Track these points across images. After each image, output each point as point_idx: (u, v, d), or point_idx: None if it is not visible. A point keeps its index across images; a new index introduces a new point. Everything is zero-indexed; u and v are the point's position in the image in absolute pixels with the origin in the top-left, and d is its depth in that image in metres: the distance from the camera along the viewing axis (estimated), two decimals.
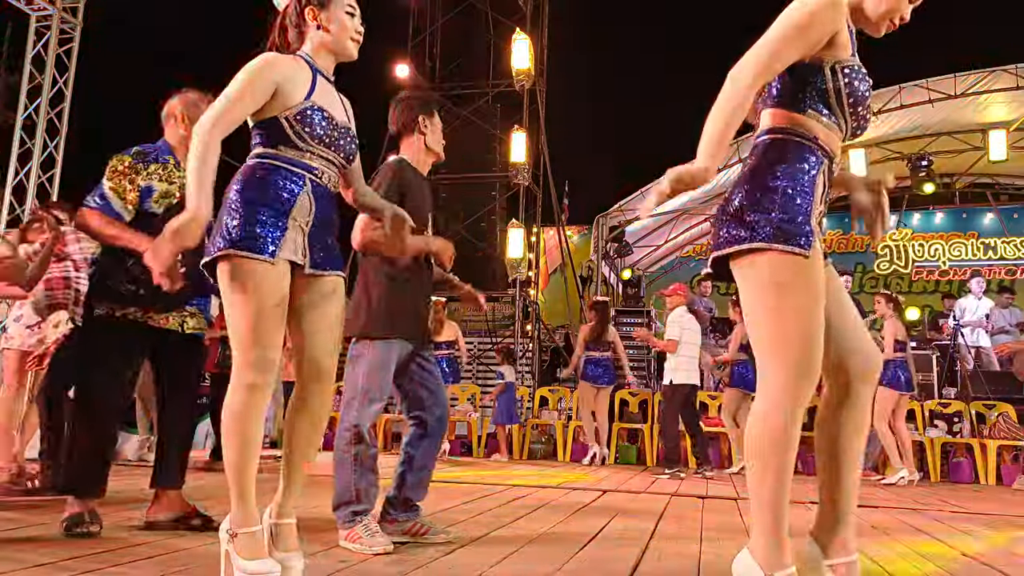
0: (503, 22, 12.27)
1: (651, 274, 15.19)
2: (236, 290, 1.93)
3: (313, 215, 2.06)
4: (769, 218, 1.75)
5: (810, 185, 1.79)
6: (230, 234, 1.94)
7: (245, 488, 1.92)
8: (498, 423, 8.43)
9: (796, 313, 1.72)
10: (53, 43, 7.40)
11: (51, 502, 3.37)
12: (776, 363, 1.74)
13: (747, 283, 1.80)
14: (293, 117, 2.03)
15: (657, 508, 4.02)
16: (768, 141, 1.87)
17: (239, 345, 1.94)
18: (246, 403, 1.93)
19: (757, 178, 1.81)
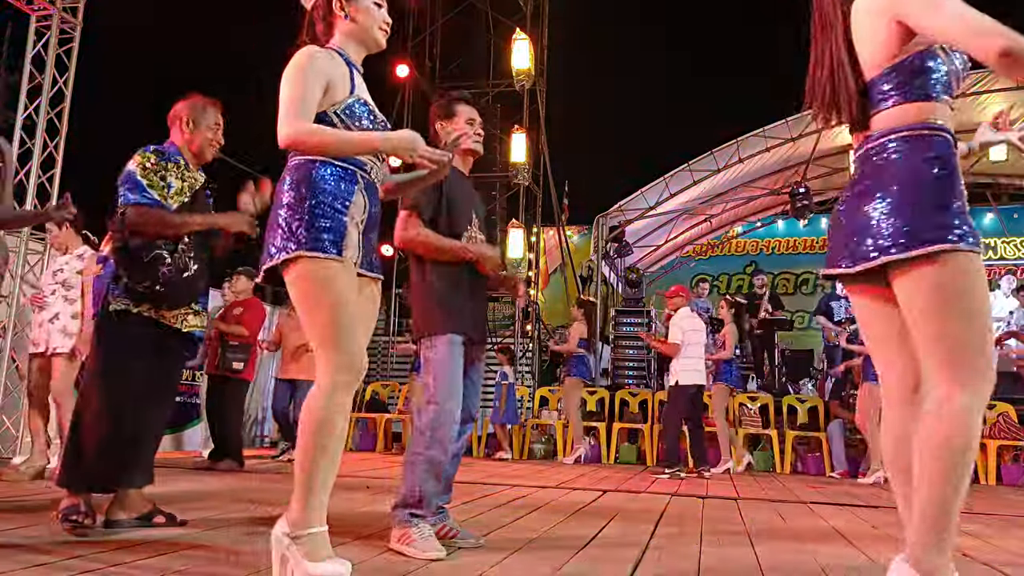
0: (503, 22, 12.28)
1: (651, 274, 15.18)
2: (315, 291, 1.91)
3: (367, 213, 2.06)
4: (952, 215, 1.70)
5: (958, 178, 1.75)
6: (296, 236, 1.92)
7: (318, 490, 1.88)
8: (499, 423, 8.43)
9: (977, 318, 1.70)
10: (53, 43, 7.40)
11: (51, 503, 3.38)
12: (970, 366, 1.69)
13: (928, 285, 1.71)
14: (342, 112, 2.02)
15: (657, 508, 4.02)
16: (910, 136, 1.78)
17: (324, 345, 1.91)
18: (336, 403, 1.90)
19: (918, 176, 1.74)
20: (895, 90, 1.82)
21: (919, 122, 1.79)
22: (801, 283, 15.27)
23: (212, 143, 2.96)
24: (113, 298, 2.80)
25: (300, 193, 1.96)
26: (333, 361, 1.90)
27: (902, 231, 1.73)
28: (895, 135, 1.80)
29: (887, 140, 1.82)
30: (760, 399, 8.53)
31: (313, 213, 1.93)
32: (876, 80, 1.85)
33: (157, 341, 2.84)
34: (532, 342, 11.58)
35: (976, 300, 1.70)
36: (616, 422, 8.65)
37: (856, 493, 5.54)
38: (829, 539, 3.17)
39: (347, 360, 1.91)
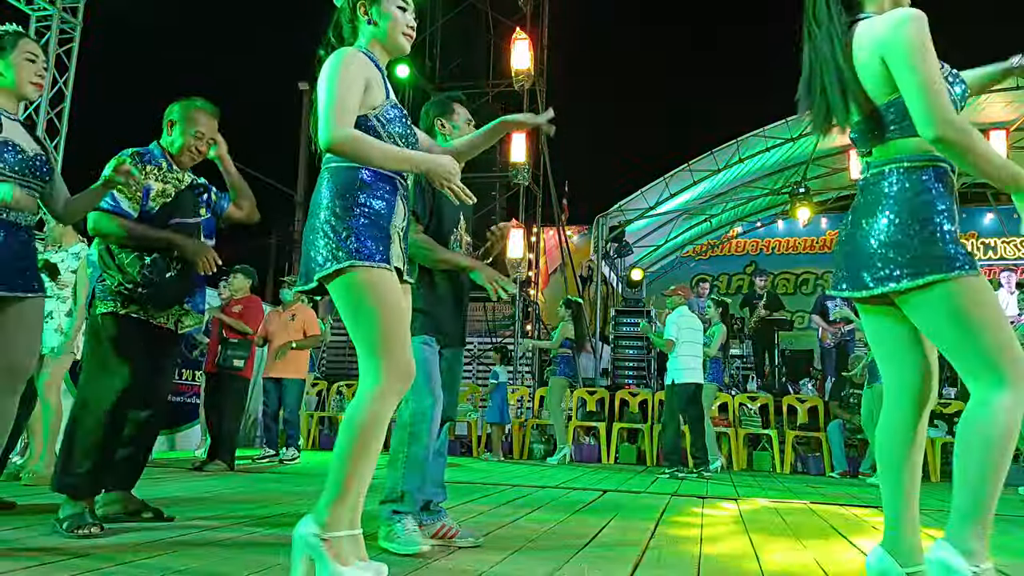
0: (503, 22, 12.29)
1: (651, 274, 15.19)
2: (365, 300, 1.90)
3: (405, 221, 2.06)
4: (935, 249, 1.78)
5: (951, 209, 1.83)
6: (344, 245, 1.90)
7: (351, 495, 1.84)
8: (489, 422, 8.44)
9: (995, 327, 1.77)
10: (53, 43, 7.40)
11: (52, 504, 3.38)
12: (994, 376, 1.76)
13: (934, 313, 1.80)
14: (382, 116, 2.00)
15: (657, 508, 4.02)
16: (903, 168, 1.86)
17: (373, 354, 1.88)
18: (382, 412, 1.87)
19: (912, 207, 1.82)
20: (895, 123, 1.87)
21: (916, 153, 1.86)
22: (801, 283, 15.28)
23: (191, 150, 2.92)
24: (100, 300, 2.79)
25: (347, 201, 1.93)
26: (386, 368, 1.88)
27: (901, 260, 1.81)
28: (894, 164, 1.88)
29: (886, 169, 1.89)
30: (760, 399, 8.53)
31: (362, 221, 1.92)
32: (878, 110, 1.90)
33: (151, 342, 2.83)
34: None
35: (993, 309, 1.79)
36: (616, 422, 8.65)
37: (856, 493, 5.54)
38: (829, 539, 3.17)
39: (400, 368, 1.90)
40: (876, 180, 1.90)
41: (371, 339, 1.89)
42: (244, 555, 2.32)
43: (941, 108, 1.72)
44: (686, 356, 6.63)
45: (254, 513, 3.26)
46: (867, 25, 1.90)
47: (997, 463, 1.76)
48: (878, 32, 1.84)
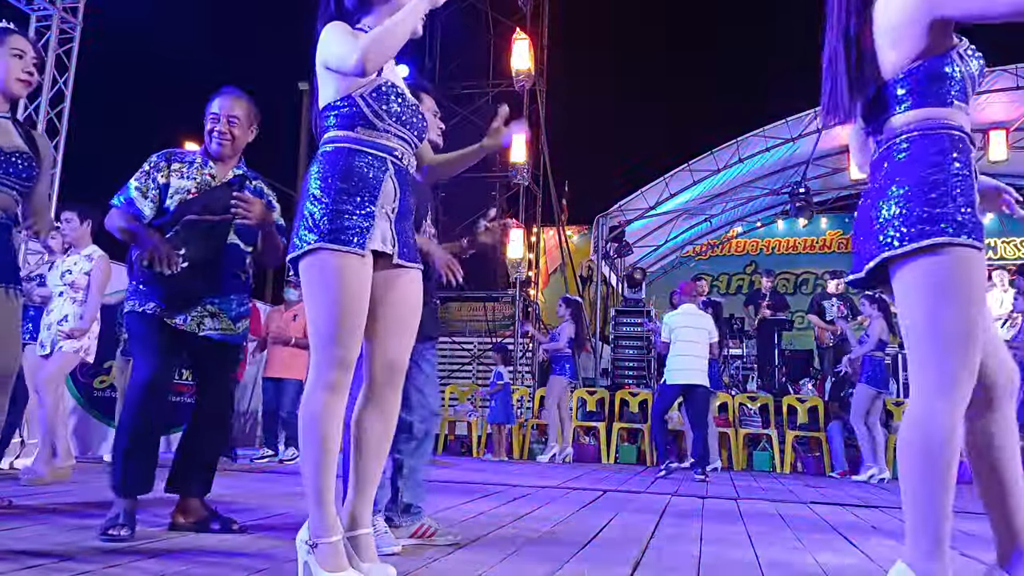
0: (503, 22, 12.29)
1: (651, 274, 15.19)
2: (324, 285, 1.85)
3: (398, 201, 1.99)
4: (951, 211, 1.68)
5: (971, 176, 1.74)
6: (318, 226, 1.86)
7: (325, 494, 1.82)
8: (494, 422, 8.44)
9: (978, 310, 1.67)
10: (53, 43, 7.40)
11: (52, 504, 3.37)
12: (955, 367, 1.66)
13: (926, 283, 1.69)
14: (370, 95, 1.94)
15: (657, 508, 4.02)
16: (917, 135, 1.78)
17: (321, 342, 1.85)
18: (327, 403, 1.84)
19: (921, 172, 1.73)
20: (910, 95, 1.81)
21: (931, 120, 1.78)
22: (801, 283, 15.27)
23: (213, 134, 2.84)
24: (127, 300, 2.80)
25: (327, 183, 1.90)
26: (326, 357, 1.85)
27: (905, 223, 1.72)
28: (906, 134, 1.80)
29: (897, 140, 1.81)
30: (760, 399, 8.53)
31: (338, 204, 1.87)
32: (891, 84, 1.84)
33: (176, 344, 2.77)
34: (532, 342, 11.59)
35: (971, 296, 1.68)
36: (616, 422, 8.65)
37: (856, 493, 5.54)
38: (829, 539, 3.17)
39: (339, 359, 1.85)
40: (887, 153, 1.83)
41: (317, 327, 1.86)
42: (243, 556, 2.32)
43: None
44: (676, 357, 6.54)
45: (253, 513, 3.25)
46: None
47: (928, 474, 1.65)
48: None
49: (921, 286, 1.71)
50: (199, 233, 2.73)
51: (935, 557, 1.65)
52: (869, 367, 6.72)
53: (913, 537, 1.69)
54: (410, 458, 2.72)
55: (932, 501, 1.65)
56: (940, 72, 1.78)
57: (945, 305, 1.67)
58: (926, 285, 1.70)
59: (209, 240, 2.76)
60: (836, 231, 15.36)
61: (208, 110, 2.85)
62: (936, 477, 1.65)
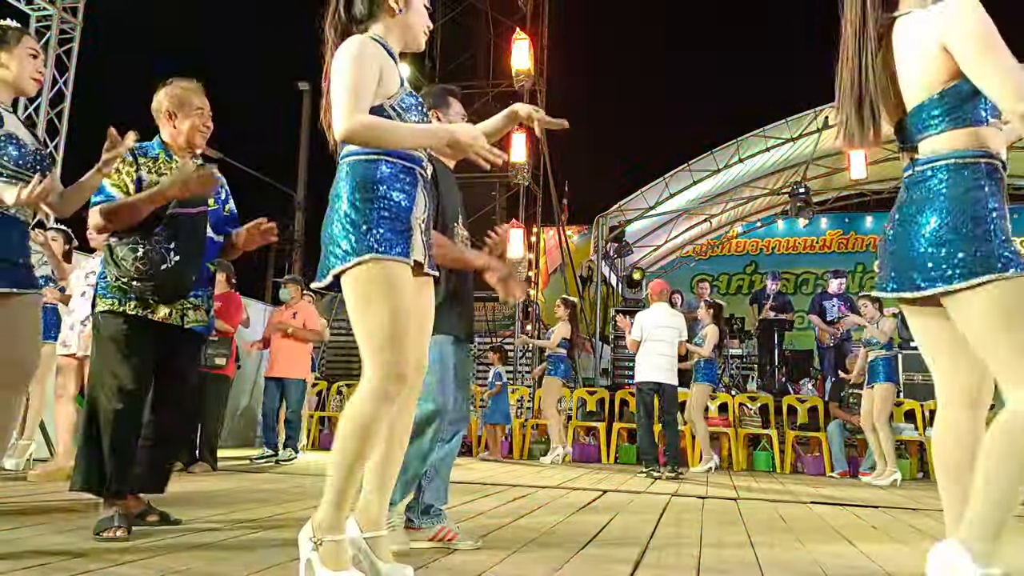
0: (503, 22, 12.29)
1: (651, 274, 15.19)
2: (376, 295, 1.85)
3: (427, 212, 2.02)
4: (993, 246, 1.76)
5: (1003, 208, 1.81)
6: (364, 237, 1.86)
7: (347, 498, 1.83)
8: (491, 423, 8.43)
9: None
10: (53, 43, 7.40)
11: (50, 504, 3.37)
12: None
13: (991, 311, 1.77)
14: (398, 105, 1.95)
15: (657, 508, 4.02)
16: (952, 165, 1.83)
17: (375, 352, 1.84)
18: (380, 412, 1.83)
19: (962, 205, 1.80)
20: (944, 116, 1.84)
21: (968, 148, 1.82)
22: (801, 283, 15.28)
23: (200, 129, 2.88)
24: (100, 298, 2.76)
25: (366, 194, 1.89)
26: (383, 367, 1.84)
27: (953, 260, 1.78)
28: (943, 162, 1.84)
29: (935, 166, 1.85)
30: (760, 399, 8.53)
31: (382, 215, 1.88)
32: (925, 104, 1.87)
33: (154, 340, 2.77)
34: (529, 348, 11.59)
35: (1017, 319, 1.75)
36: (616, 422, 8.65)
37: (856, 493, 5.54)
38: (829, 539, 3.17)
39: (398, 367, 1.85)
40: (924, 177, 1.87)
41: (373, 336, 1.86)
42: (243, 555, 2.32)
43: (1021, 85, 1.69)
44: (646, 355, 6.57)
45: (252, 513, 3.25)
46: (915, 18, 1.88)
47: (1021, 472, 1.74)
48: (937, 22, 1.82)
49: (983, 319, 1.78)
50: (184, 227, 2.74)
51: (990, 539, 1.73)
52: (886, 366, 6.65)
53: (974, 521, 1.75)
54: (437, 460, 2.72)
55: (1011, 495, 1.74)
56: (975, 91, 1.80)
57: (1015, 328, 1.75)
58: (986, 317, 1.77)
59: (194, 233, 2.79)
60: (836, 231, 15.36)
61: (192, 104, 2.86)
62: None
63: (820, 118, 12.20)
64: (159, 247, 2.70)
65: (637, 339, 6.65)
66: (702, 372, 7.36)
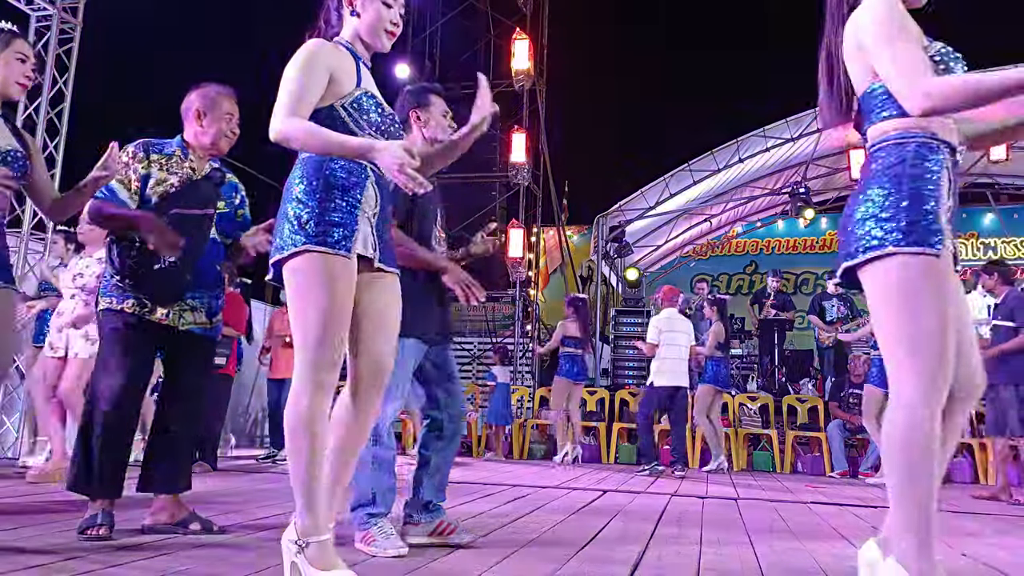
0: (503, 22, 12.29)
1: (651, 274, 15.18)
2: (312, 287, 1.87)
3: (379, 207, 2.04)
4: (900, 222, 1.74)
5: (937, 183, 1.78)
6: (303, 229, 1.88)
7: (316, 495, 1.84)
8: (491, 423, 8.43)
9: (931, 317, 1.71)
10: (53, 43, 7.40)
11: (49, 504, 3.38)
12: (911, 369, 1.72)
13: (879, 288, 1.78)
14: (350, 105, 1.99)
15: (657, 508, 4.02)
16: (890, 144, 1.84)
17: (307, 344, 1.86)
18: (316, 404, 1.85)
19: (883, 182, 1.80)
20: (882, 106, 1.87)
21: (902, 132, 1.83)
22: (801, 283, 15.26)
23: (227, 134, 2.87)
24: (101, 296, 2.76)
25: (311, 186, 1.93)
26: (314, 360, 1.86)
27: (866, 235, 1.79)
28: (884, 141, 1.86)
29: (878, 146, 1.87)
30: (760, 399, 8.53)
31: (324, 207, 1.91)
32: (868, 95, 1.89)
33: (157, 340, 2.77)
34: (532, 342, 11.59)
35: (931, 299, 1.72)
36: (616, 422, 8.65)
37: (856, 493, 5.54)
38: (829, 539, 3.17)
39: (329, 359, 1.87)
40: (867, 162, 1.89)
41: (304, 327, 1.87)
42: (243, 555, 2.32)
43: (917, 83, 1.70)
44: (663, 360, 6.70)
45: (252, 513, 3.26)
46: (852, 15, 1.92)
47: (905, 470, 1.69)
48: (854, 19, 1.87)
49: (877, 293, 1.78)
50: (186, 227, 2.71)
51: (923, 555, 1.67)
52: (878, 368, 6.68)
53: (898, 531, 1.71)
54: (437, 456, 2.74)
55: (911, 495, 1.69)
56: None
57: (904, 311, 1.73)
58: (882, 292, 1.77)
59: (196, 234, 2.77)
60: (836, 231, 15.37)
61: (221, 109, 2.86)
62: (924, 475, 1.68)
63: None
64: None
65: (655, 342, 6.73)
66: (708, 373, 7.38)
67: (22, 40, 2.63)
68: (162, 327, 2.77)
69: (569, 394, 7.74)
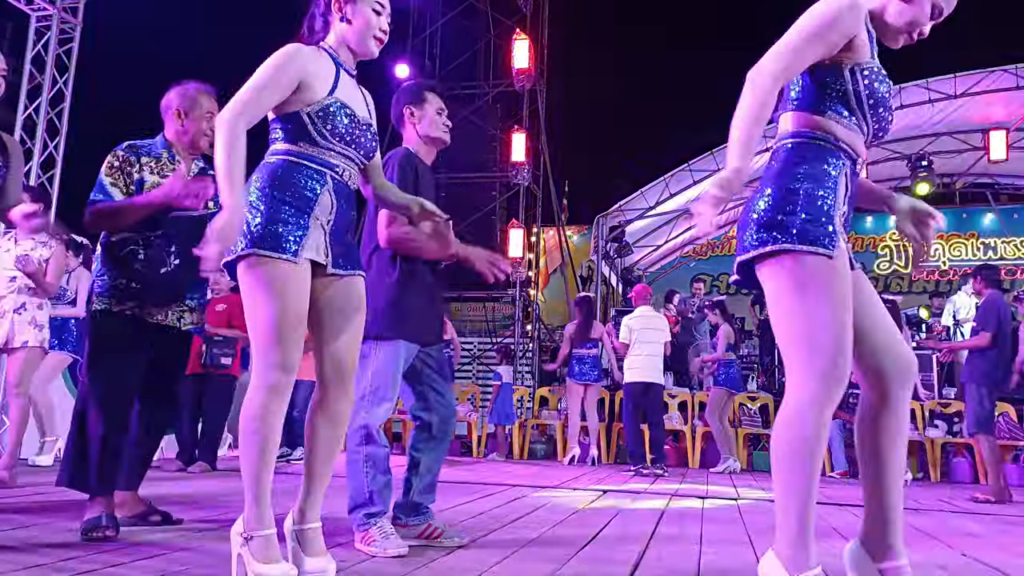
0: (503, 22, 12.29)
1: (651, 274, 15.18)
2: (259, 290, 1.90)
3: (334, 214, 2.05)
4: (793, 220, 1.75)
5: (832, 186, 1.80)
6: (251, 233, 1.90)
7: (263, 490, 1.89)
8: (494, 423, 8.42)
9: (822, 315, 1.72)
10: (53, 43, 7.40)
11: (51, 503, 3.37)
12: (803, 367, 1.73)
13: (773, 286, 1.79)
14: (316, 114, 2.00)
15: (657, 508, 4.02)
16: (789, 145, 1.88)
17: (261, 346, 1.90)
18: (267, 405, 1.89)
19: (780, 181, 1.82)
20: (794, 99, 1.91)
21: (802, 131, 1.87)
22: None
23: (206, 132, 2.86)
24: (96, 297, 2.76)
25: (263, 192, 1.95)
26: (264, 363, 1.90)
27: (759, 230, 1.81)
28: (784, 140, 1.90)
29: (778, 144, 1.92)
30: (760, 399, 8.53)
31: (273, 211, 1.93)
32: (787, 86, 1.92)
33: (149, 340, 2.77)
34: (532, 342, 11.58)
35: (822, 296, 1.73)
36: (616, 422, 8.64)
37: (856, 493, 5.53)
38: (829, 539, 3.17)
39: (278, 362, 1.89)
40: (771, 156, 1.92)
41: (255, 330, 1.91)
42: None
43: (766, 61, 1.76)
44: (635, 356, 6.76)
45: None
46: None
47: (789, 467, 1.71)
48: None
49: (771, 291, 1.80)
50: (185, 228, 2.72)
51: (803, 547, 1.70)
52: None
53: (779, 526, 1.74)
54: (427, 456, 2.73)
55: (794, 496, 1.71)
56: (823, 82, 1.86)
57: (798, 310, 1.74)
58: (774, 289, 1.79)
59: (194, 235, 2.75)
60: None
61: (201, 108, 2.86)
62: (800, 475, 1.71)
63: None
64: (160, 250, 2.70)
65: (626, 341, 6.86)
66: (720, 375, 7.40)
67: None
68: (158, 327, 2.78)
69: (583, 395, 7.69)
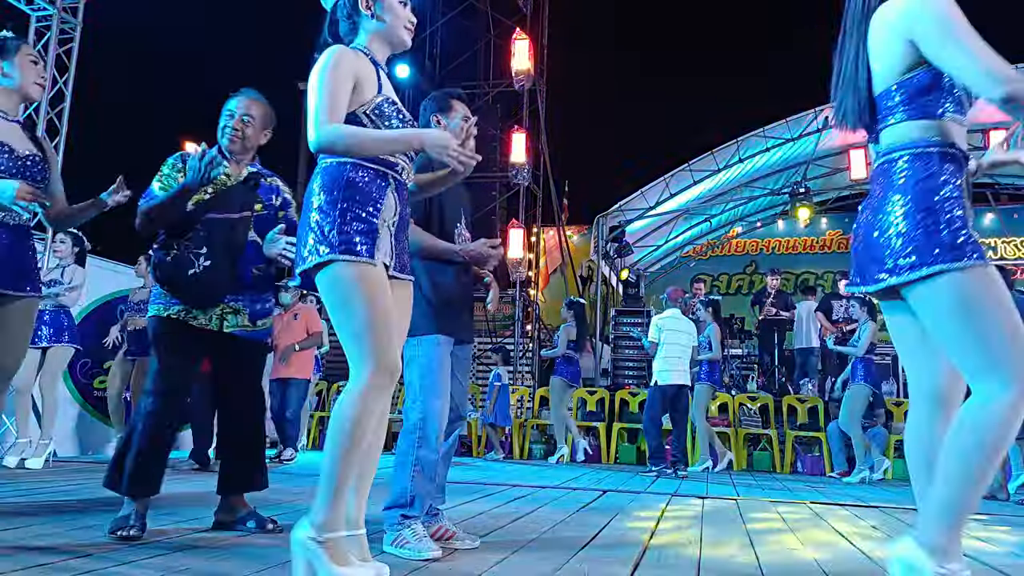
0: (503, 22, 12.30)
1: (651, 274, 15.19)
2: (347, 295, 1.90)
3: (397, 215, 2.05)
4: (941, 238, 1.73)
5: (960, 196, 1.78)
6: (327, 238, 1.90)
7: (345, 492, 1.86)
8: (490, 423, 8.42)
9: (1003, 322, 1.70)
10: (53, 43, 7.40)
11: (50, 503, 3.38)
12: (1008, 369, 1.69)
13: (940, 307, 1.75)
14: (372, 112, 2.01)
15: (657, 508, 4.02)
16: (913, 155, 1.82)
17: (359, 350, 1.88)
18: (369, 408, 1.87)
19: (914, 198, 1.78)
20: (901, 106, 1.84)
21: (923, 138, 1.81)
22: (801, 283, 15.26)
23: (230, 133, 2.84)
24: (151, 303, 2.80)
25: (332, 196, 1.94)
26: (366, 364, 1.88)
27: (907, 251, 1.76)
28: (902, 151, 1.83)
29: (893, 157, 1.85)
30: (760, 399, 8.53)
31: (346, 216, 1.92)
32: (883, 94, 1.87)
33: (195, 345, 2.77)
34: (532, 342, 11.59)
35: (1000, 302, 1.71)
36: (616, 422, 8.64)
37: (856, 493, 5.54)
38: (829, 539, 3.17)
39: (383, 364, 1.89)
40: (885, 168, 1.87)
41: (354, 335, 1.89)
42: (243, 555, 2.32)
43: (1000, 68, 1.66)
44: (664, 358, 6.73)
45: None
46: (885, 7, 1.88)
47: (985, 468, 1.70)
48: (902, 10, 1.81)
49: (943, 311, 1.75)
50: (220, 232, 2.73)
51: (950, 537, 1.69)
52: (863, 369, 6.79)
53: (934, 516, 1.73)
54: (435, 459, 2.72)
55: (973, 489, 1.71)
56: (932, 84, 1.80)
57: (975, 320, 1.71)
58: (947, 309, 1.74)
59: (230, 238, 2.76)
60: (836, 231, 15.35)
61: (225, 107, 2.87)
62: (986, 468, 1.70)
63: (820, 118, 12.21)
64: (187, 252, 2.69)
65: (655, 340, 6.80)
66: (705, 373, 7.40)
67: (28, 44, 2.75)
68: (206, 332, 2.77)
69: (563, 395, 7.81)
